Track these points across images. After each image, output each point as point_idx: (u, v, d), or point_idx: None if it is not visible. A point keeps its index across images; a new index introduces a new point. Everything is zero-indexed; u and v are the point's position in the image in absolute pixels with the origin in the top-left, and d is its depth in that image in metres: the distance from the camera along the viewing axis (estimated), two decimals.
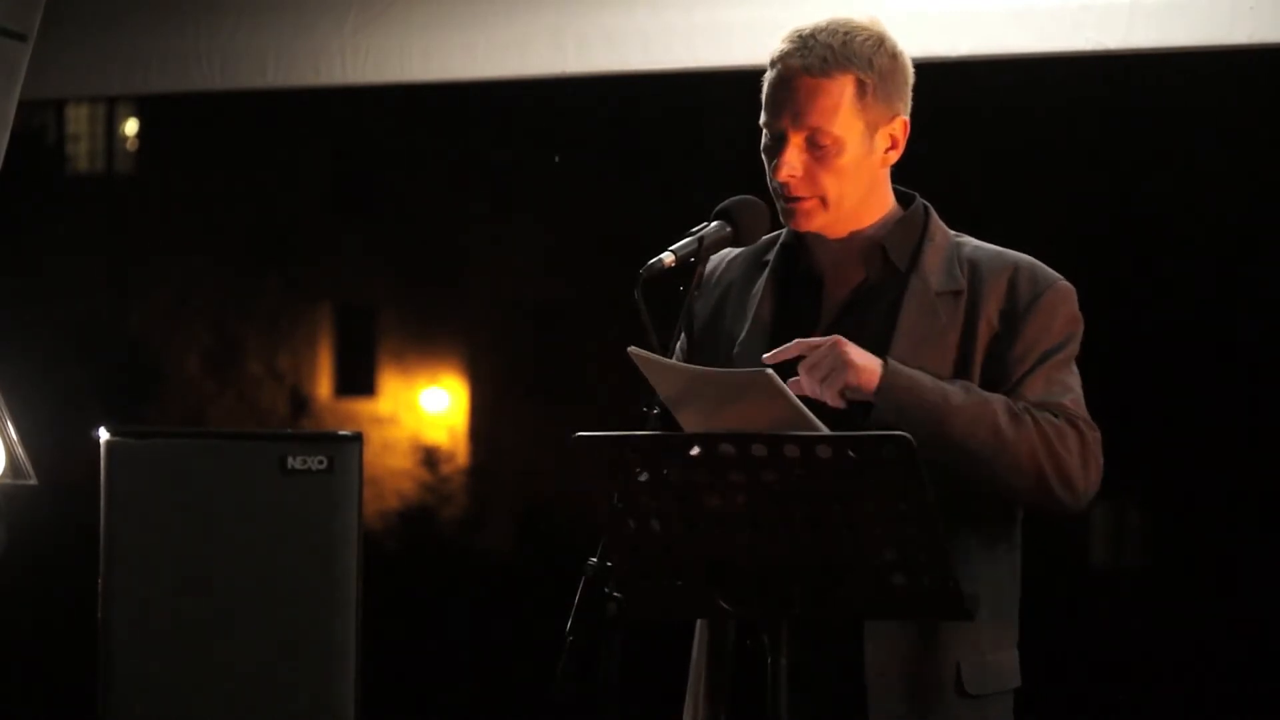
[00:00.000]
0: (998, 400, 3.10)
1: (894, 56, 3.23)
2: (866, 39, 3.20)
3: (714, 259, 3.36)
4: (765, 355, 3.06)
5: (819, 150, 3.19)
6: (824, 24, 3.22)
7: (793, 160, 3.19)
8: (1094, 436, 3.16)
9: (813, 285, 3.28)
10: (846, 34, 3.20)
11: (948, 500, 2.95)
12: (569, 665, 2.96)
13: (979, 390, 3.12)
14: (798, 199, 3.21)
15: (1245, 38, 4.52)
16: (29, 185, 19.30)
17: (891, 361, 3.06)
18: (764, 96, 3.24)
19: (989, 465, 3.09)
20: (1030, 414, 3.11)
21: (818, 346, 3.06)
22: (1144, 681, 15.46)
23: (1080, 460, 3.12)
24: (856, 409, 3.09)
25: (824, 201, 3.21)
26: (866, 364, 3.04)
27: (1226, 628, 15.97)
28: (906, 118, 3.25)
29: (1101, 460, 3.16)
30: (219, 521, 4.16)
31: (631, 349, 3.01)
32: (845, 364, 3.03)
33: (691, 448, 2.83)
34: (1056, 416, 3.13)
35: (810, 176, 3.19)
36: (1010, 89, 14.65)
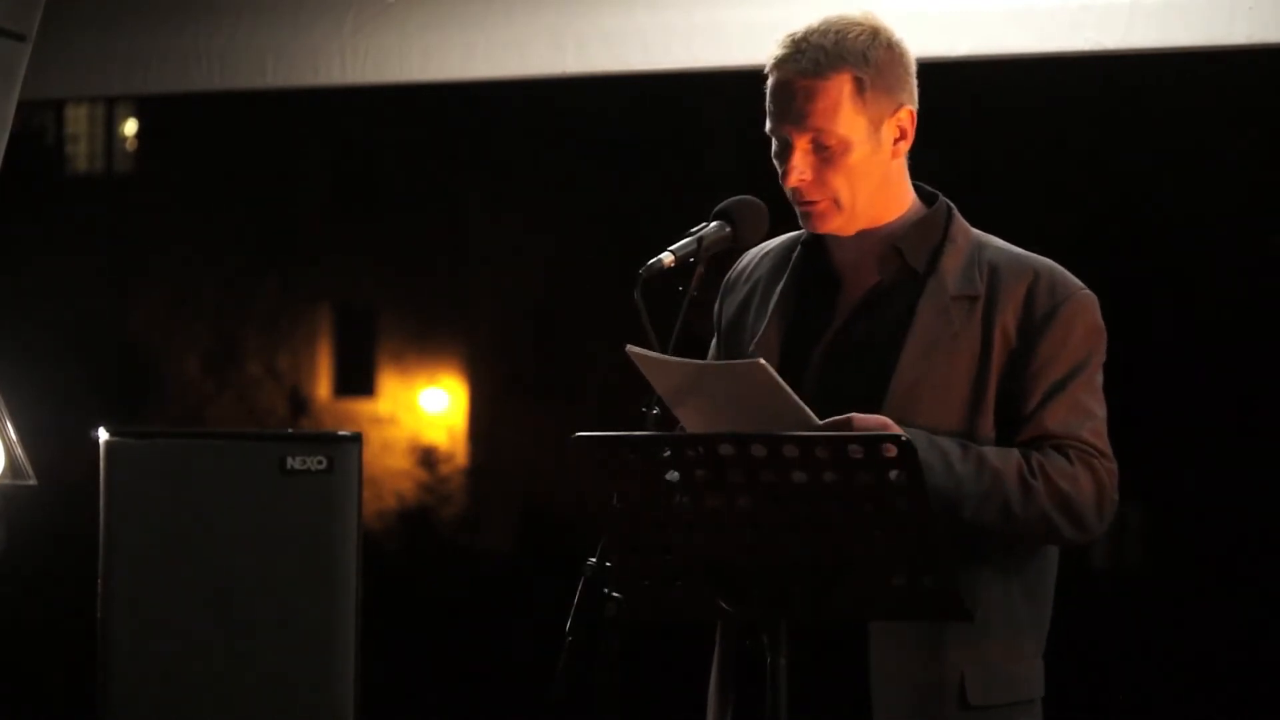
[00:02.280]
0: (1010, 471, 3.07)
1: (890, 47, 3.21)
2: (859, 34, 3.18)
3: (748, 255, 3.36)
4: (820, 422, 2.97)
5: (825, 151, 3.17)
6: (817, 25, 3.20)
7: (801, 165, 3.17)
8: (1109, 470, 3.13)
9: (830, 285, 3.27)
10: (839, 32, 3.18)
11: None
12: (568, 665, 2.96)
13: (990, 461, 3.07)
14: (811, 202, 3.20)
15: (1245, 38, 4.52)
16: (29, 185, 19.30)
17: (915, 447, 3.01)
18: (767, 104, 3.22)
19: (998, 536, 3.10)
20: (1044, 472, 3.08)
21: (867, 425, 3.00)
22: (1143, 681, 15.45)
23: (1095, 503, 3.11)
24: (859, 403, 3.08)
25: (837, 203, 3.19)
26: None
27: (1226, 628, 15.96)
28: (912, 107, 3.23)
29: (1116, 495, 3.14)
30: (219, 522, 4.16)
31: (629, 347, 3.00)
32: None
33: (691, 448, 2.83)
34: (1070, 460, 3.10)
35: (820, 179, 3.18)
36: (1009, 89, 14.65)
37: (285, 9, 5.42)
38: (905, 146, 3.23)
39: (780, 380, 2.90)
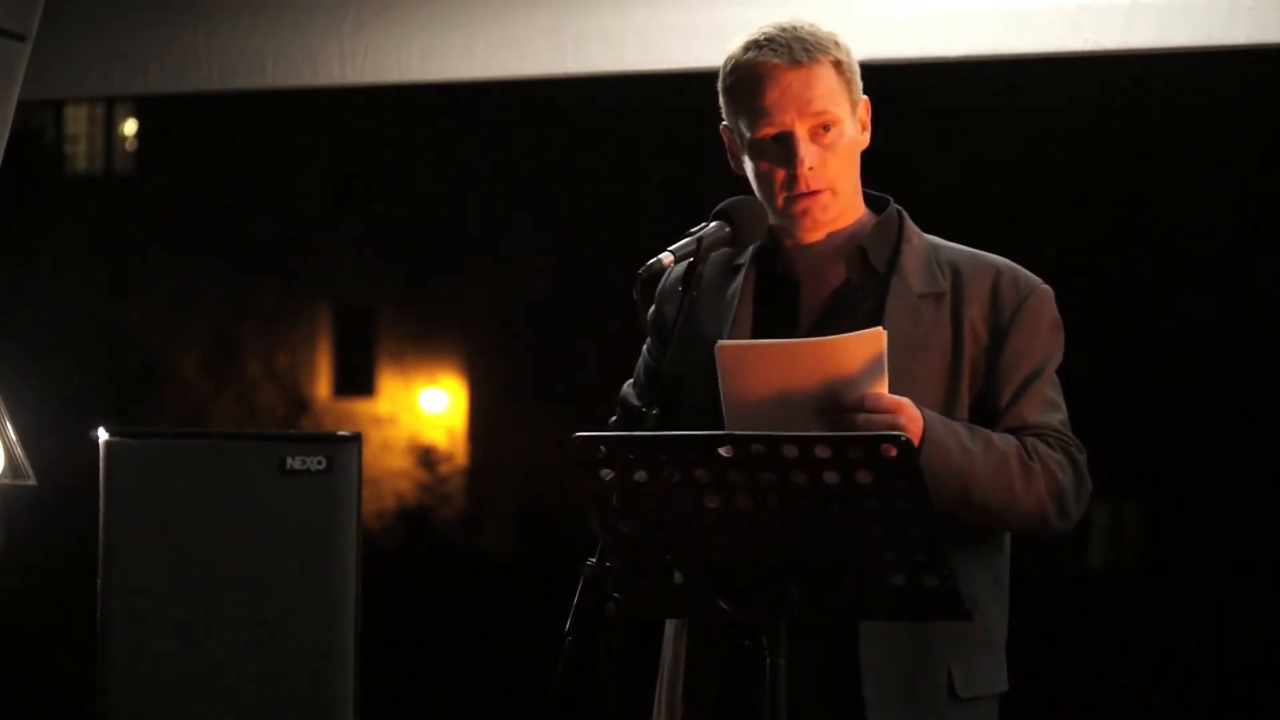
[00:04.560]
0: (1012, 452, 3.12)
1: (843, 40, 3.26)
2: (817, 28, 3.24)
3: (679, 267, 3.32)
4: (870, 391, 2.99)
5: (824, 136, 3.20)
6: (773, 29, 3.24)
7: (810, 152, 3.19)
8: (1083, 459, 3.20)
9: (789, 290, 3.28)
10: (802, 27, 3.23)
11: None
12: (568, 665, 2.96)
13: (996, 442, 3.12)
14: (815, 192, 3.21)
15: (1244, 38, 4.52)
16: (28, 186, 19.31)
17: (929, 427, 3.05)
18: (745, 107, 3.23)
19: (1000, 518, 3.15)
20: (1038, 457, 3.13)
21: (881, 405, 3.01)
22: (1142, 681, 15.46)
23: (1075, 490, 3.17)
24: None
25: (835, 190, 3.23)
26: (915, 428, 3.03)
27: (1226, 627, 15.97)
28: (867, 98, 3.28)
29: (1090, 484, 3.20)
30: (218, 521, 4.16)
31: (720, 343, 3.03)
32: (902, 427, 2.99)
33: (690, 448, 2.83)
34: (1053, 447, 3.16)
35: (823, 165, 3.21)
36: (1008, 90, 14.65)
37: (284, 9, 5.42)
38: (867, 139, 3.27)
39: (885, 355, 2.95)
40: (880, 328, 2.98)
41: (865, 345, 2.97)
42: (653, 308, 3.39)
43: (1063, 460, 3.16)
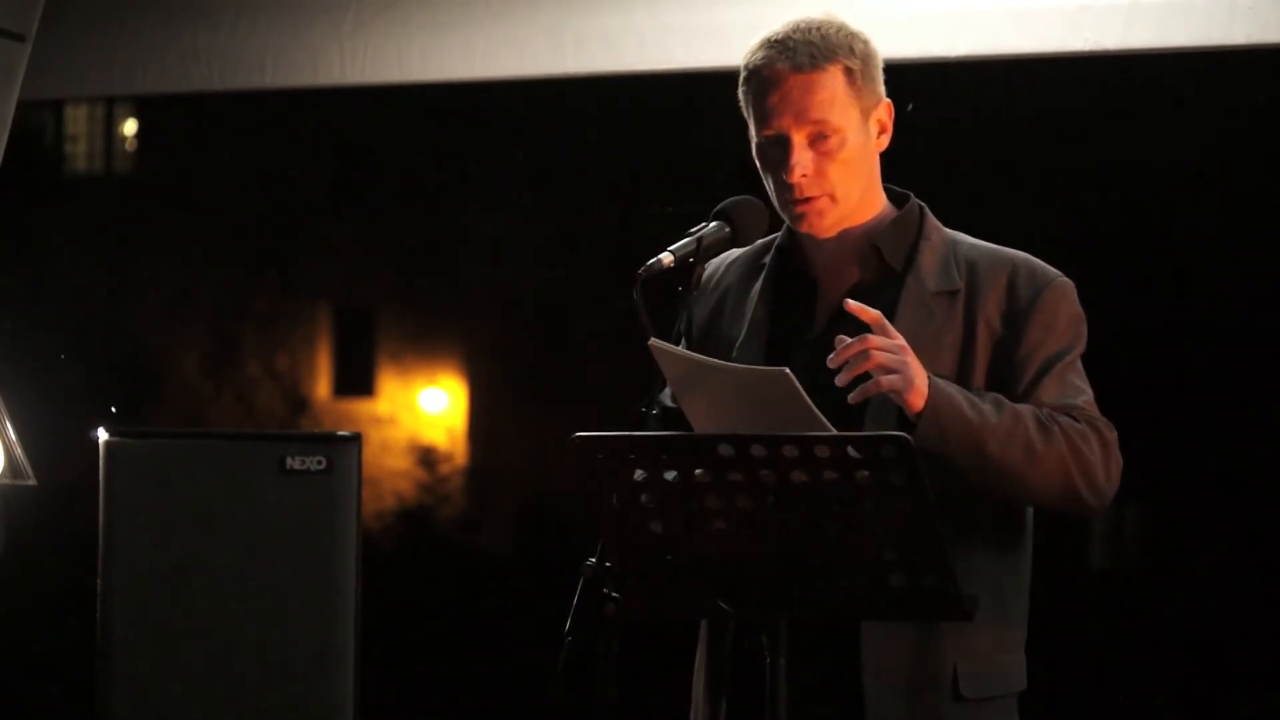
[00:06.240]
0: (1026, 411, 3.09)
1: (865, 42, 3.26)
2: (839, 29, 3.24)
3: (713, 263, 3.37)
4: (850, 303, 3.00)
5: (823, 144, 3.19)
6: (790, 28, 3.24)
7: (803, 160, 3.19)
8: (1112, 436, 3.15)
9: (807, 287, 3.28)
10: (819, 29, 3.22)
11: (955, 502, 2.96)
12: (567, 665, 2.96)
13: (1007, 402, 3.09)
14: (810, 199, 3.21)
15: (1244, 38, 4.53)
16: (27, 185, 19.29)
17: (933, 380, 3.03)
18: (752, 107, 3.24)
19: (1022, 481, 3.09)
20: (1057, 422, 3.09)
21: (892, 338, 3.02)
22: (1143, 681, 15.46)
23: (1103, 463, 3.12)
24: (854, 415, 3.09)
25: (833, 197, 3.21)
26: (920, 382, 3.02)
27: (1226, 628, 15.96)
28: (889, 101, 3.27)
29: (1121, 459, 3.16)
30: (218, 522, 4.16)
31: (652, 341, 3.02)
32: (912, 375, 3.00)
33: (690, 448, 2.83)
34: (1077, 420, 3.12)
35: (819, 173, 3.20)
36: (1008, 90, 14.65)
37: (284, 9, 5.42)
38: (886, 142, 3.27)
39: (801, 390, 2.90)
40: (785, 369, 2.91)
41: (770, 379, 2.93)
42: (684, 312, 3.39)
43: (1085, 430, 3.11)
